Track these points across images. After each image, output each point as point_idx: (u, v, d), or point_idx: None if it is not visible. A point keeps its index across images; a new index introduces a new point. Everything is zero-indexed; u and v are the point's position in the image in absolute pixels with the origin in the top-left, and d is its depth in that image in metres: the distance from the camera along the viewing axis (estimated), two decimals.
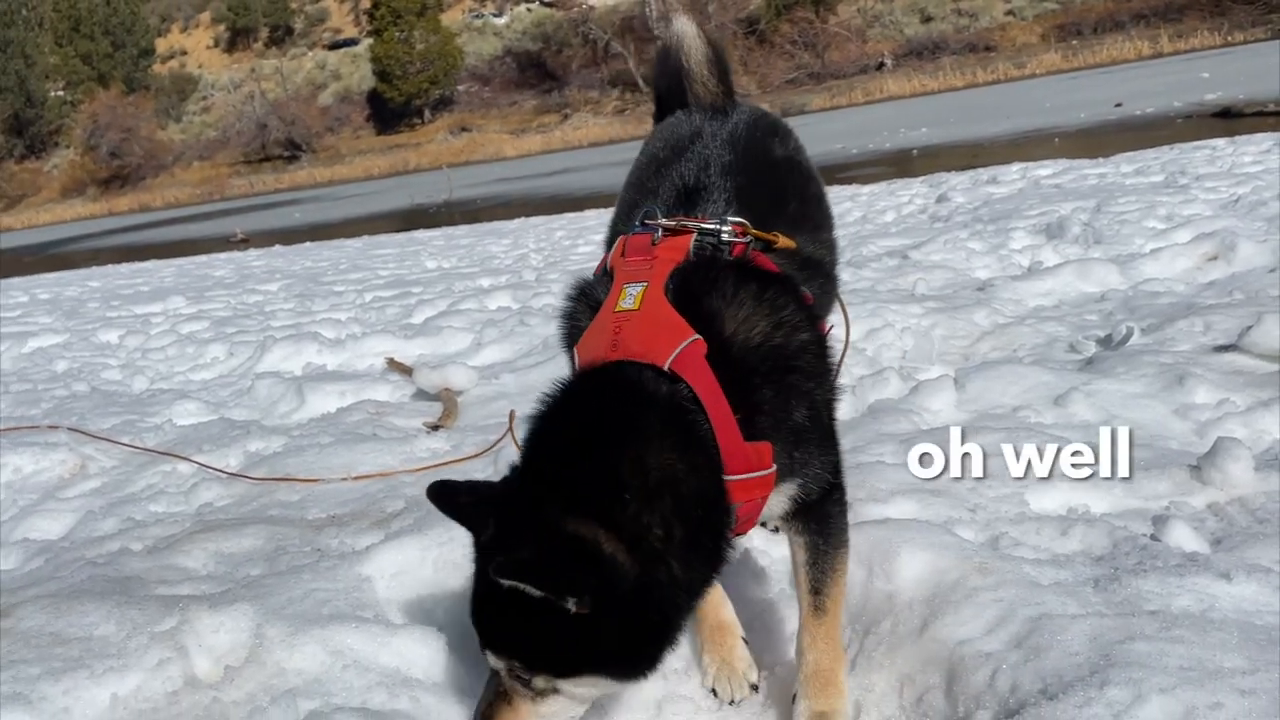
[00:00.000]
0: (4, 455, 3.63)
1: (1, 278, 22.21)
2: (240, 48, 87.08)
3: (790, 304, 1.62)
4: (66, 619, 1.95)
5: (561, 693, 1.49)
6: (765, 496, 1.59)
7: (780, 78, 64.46)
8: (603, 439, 1.48)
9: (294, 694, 1.69)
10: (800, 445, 1.61)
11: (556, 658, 1.46)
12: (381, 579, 2.10)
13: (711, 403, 1.50)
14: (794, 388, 1.60)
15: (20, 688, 1.71)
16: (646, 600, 1.45)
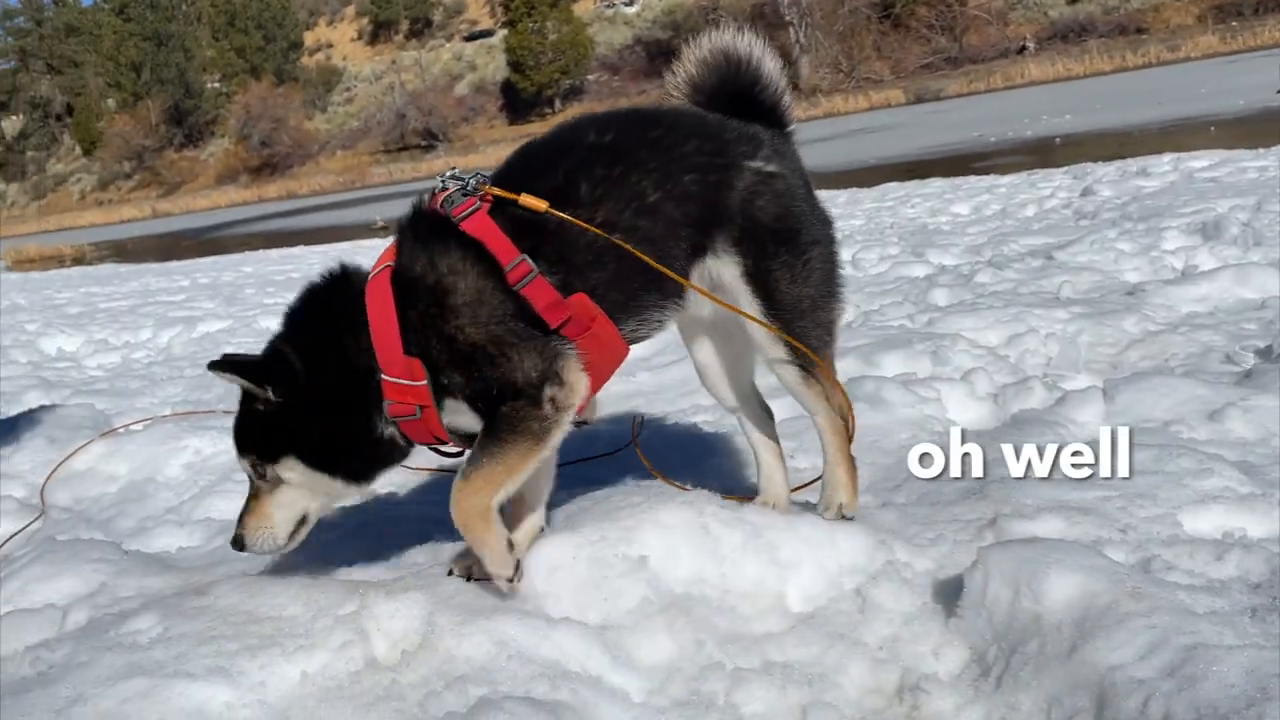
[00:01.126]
0: (186, 438, 3.93)
1: (165, 261, 23.65)
2: (382, 40, 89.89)
3: (449, 252, 2.04)
4: (259, 599, 2.13)
5: (285, 481, 2.08)
6: (421, 405, 2.04)
7: (915, 63, 62.80)
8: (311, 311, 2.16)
9: (465, 680, 1.82)
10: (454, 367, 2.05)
11: (267, 445, 2.07)
12: (538, 573, 2.21)
13: (375, 311, 2.03)
14: (445, 324, 2.03)
15: (221, 662, 1.89)
16: (324, 406, 2.06)
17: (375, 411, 2.09)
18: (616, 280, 2.12)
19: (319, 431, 2.08)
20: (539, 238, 2.05)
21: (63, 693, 1.80)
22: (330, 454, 2.11)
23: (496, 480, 2.05)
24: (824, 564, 2.21)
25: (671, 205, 2.14)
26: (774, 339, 2.24)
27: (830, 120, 50.94)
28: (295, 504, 2.14)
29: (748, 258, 2.21)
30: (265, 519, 2.12)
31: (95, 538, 2.98)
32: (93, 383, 6.01)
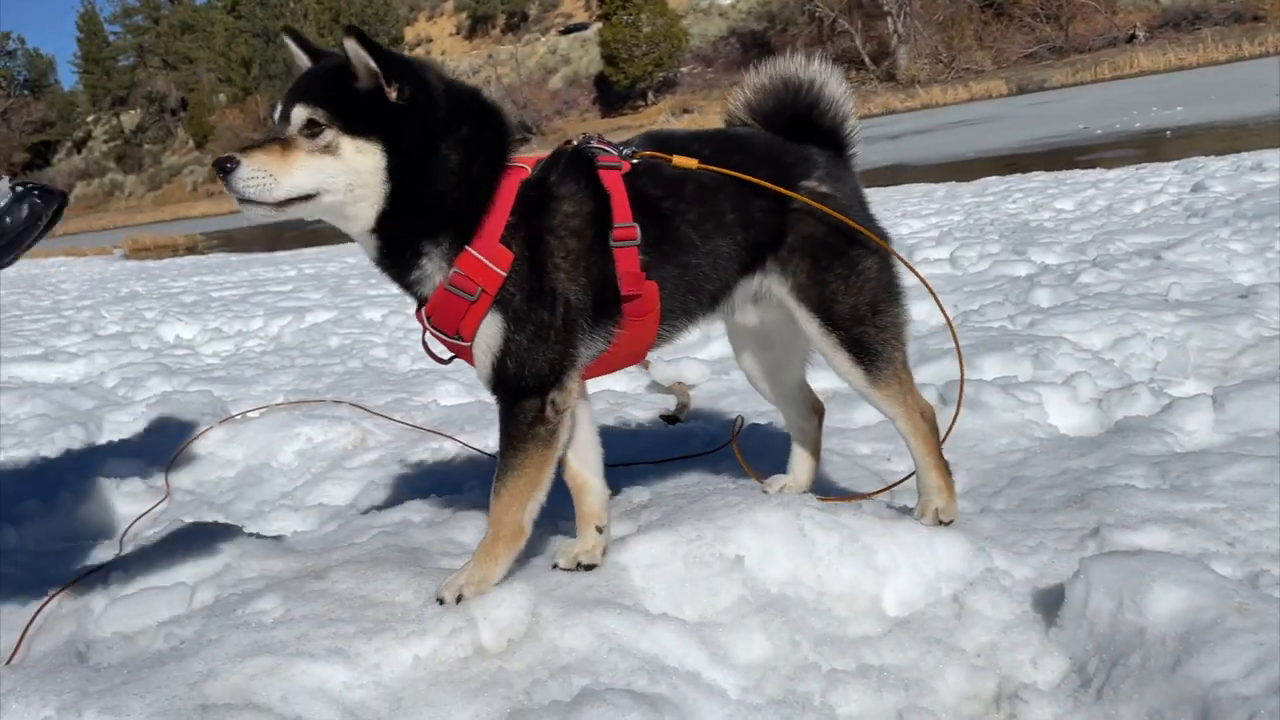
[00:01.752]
0: (298, 426, 4.11)
1: (271, 251, 24.47)
2: (479, 34, 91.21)
3: (580, 190, 2.14)
4: (373, 584, 2.24)
5: (338, 153, 1.97)
6: (485, 292, 2.05)
7: (1018, 52, 61.08)
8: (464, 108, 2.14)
9: (568, 671, 1.89)
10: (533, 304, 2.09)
11: (356, 118, 1.97)
12: (637, 569, 2.27)
13: (504, 189, 2.10)
14: (549, 245, 2.10)
15: (340, 643, 1.99)
16: (439, 134, 2.04)
17: (435, 241, 2.09)
18: (683, 283, 2.26)
19: (412, 164, 2.03)
20: (647, 218, 2.17)
21: (195, 668, 1.93)
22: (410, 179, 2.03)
23: (523, 496, 2.17)
24: (921, 569, 2.22)
25: (739, 228, 2.28)
26: (835, 346, 2.33)
27: (928, 112, 49.95)
28: (318, 177, 1.98)
29: (799, 273, 2.32)
30: (281, 167, 1.94)
31: (217, 520, 3.15)
32: (210, 370, 6.29)
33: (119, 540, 3.13)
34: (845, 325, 2.31)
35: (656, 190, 2.22)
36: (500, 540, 2.18)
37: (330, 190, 1.99)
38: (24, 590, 2.82)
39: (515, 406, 2.14)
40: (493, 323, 2.10)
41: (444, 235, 2.07)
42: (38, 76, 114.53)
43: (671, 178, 2.23)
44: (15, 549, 3.16)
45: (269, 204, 1.96)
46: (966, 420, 3.30)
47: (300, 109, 1.97)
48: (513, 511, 2.17)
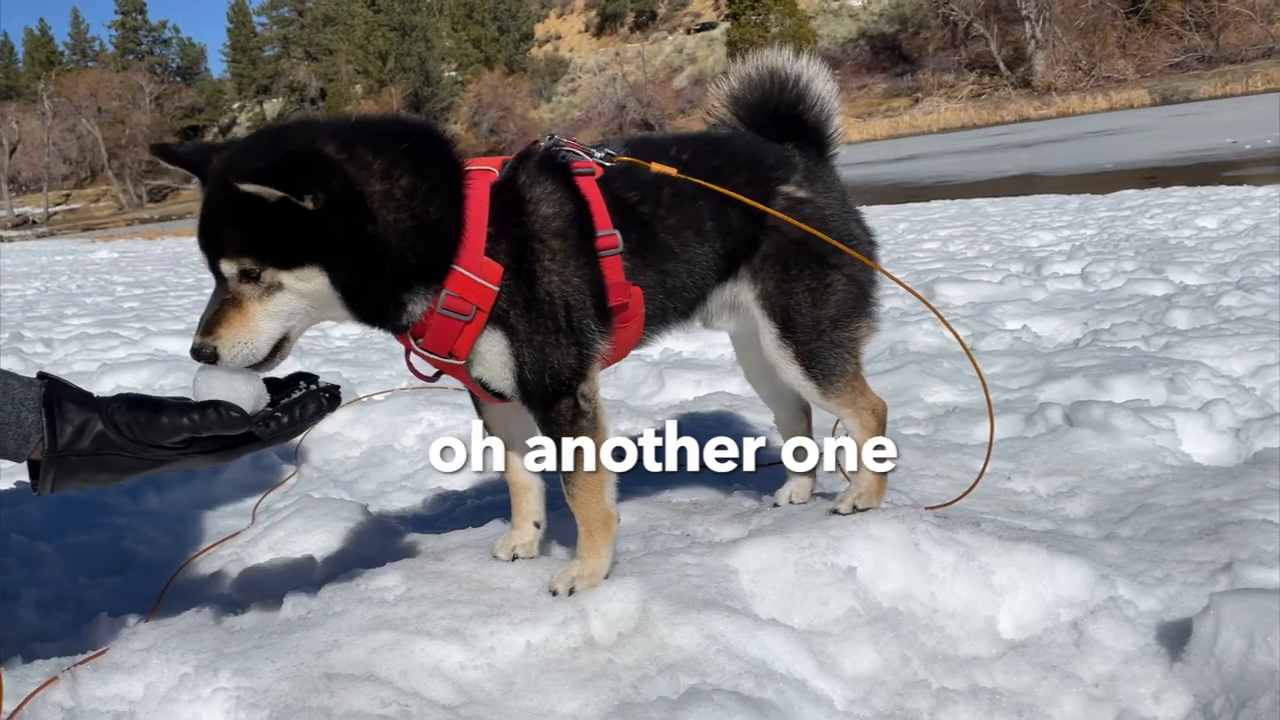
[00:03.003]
0: (421, 411, 4.24)
1: None
2: (608, 32, 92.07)
3: (556, 191, 2.07)
4: (489, 569, 2.31)
5: (286, 288, 1.85)
6: (480, 310, 1.98)
7: (1163, 61, 58.54)
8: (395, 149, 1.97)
9: (676, 668, 1.92)
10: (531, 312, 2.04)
11: (286, 251, 1.82)
12: (746, 573, 2.28)
13: (473, 200, 1.99)
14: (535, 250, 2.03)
15: (457, 624, 2.06)
16: (376, 215, 1.88)
17: (423, 284, 1.97)
18: (664, 288, 2.24)
19: (361, 257, 1.89)
20: (626, 223, 2.14)
21: (321, 637, 2.02)
22: (374, 281, 1.92)
23: (597, 484, 2.18)
24: (1040, 593, 2.17)
25: (717, 234, 2.26)
26: (790, 359, 2.34)
27: (1064, 120, 48.24)
28: (285, 309, 1.89)
29: (767, 281, 2.31)
30: (247, 327, 1.86)
31: (342, 497, 3.28)
32: (339, 353, 6.53)
33: (252, 511, 3.29)
34: (803, 339, 2.32)
35: (633, 194, 2.19)
36: (596, 534, 2.21)
37: (296, 324, 1.94)
38: (164, 551, 3.01)
39: (551, 411, 2.14)
40: (497, 339, 2.06)
41: (422, 278, 1.97)
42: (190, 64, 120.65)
43: (648, 181, 2.19)
44: (157, 512, 3.36)
45: (264, 361, 1.92)
46: (1093, 443, 3.20)
47: (227, 264, 1.85)
48: (594, 504, 2.19)
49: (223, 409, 1.84)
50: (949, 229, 13.26)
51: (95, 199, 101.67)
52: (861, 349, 2.43)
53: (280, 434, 1.93)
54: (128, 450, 1.80)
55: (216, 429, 1.83)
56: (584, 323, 2.10)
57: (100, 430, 1.79)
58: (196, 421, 1.82)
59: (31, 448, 1.76)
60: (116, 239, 41.32)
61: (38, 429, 1.75)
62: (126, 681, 1.91)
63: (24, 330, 8.87)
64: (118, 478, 1.84)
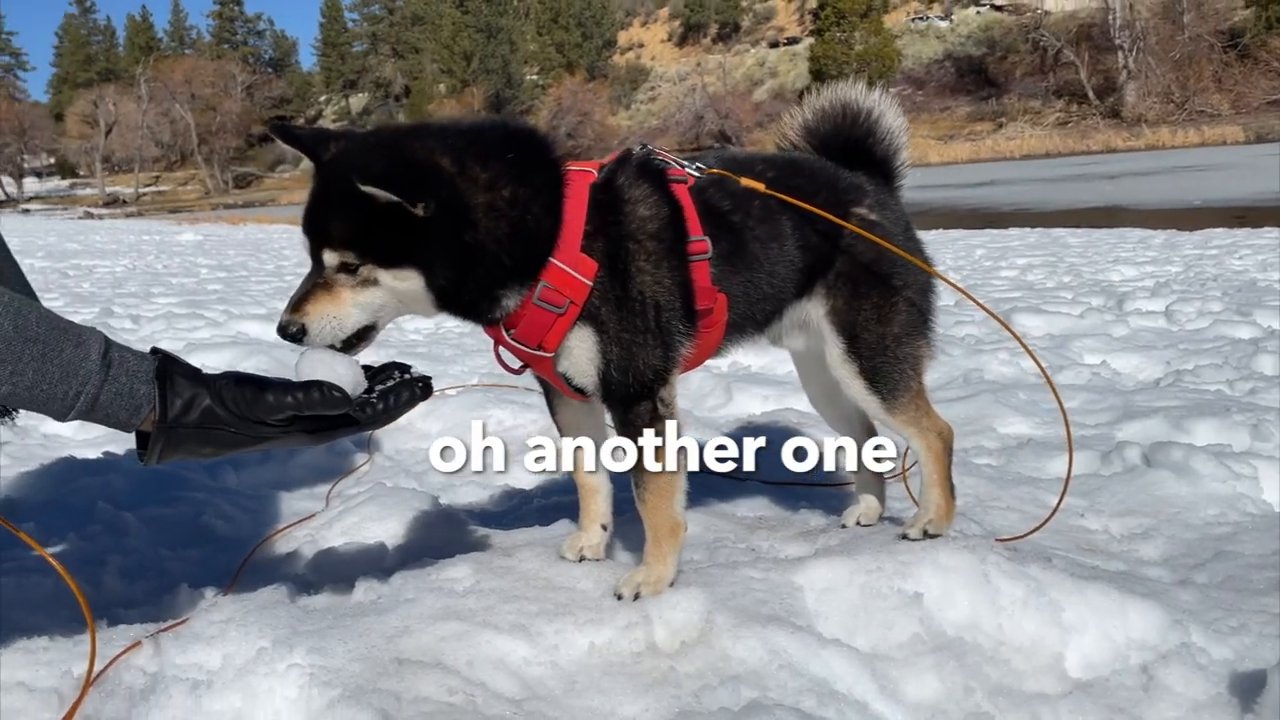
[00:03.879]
0: (490, 408, 4.31)
1: None
2: (690, 43, 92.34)
3: (653, 194, 2.12)
4: (556, 569, 2.34)
5: (381, 284, 1.91)
6: (573, 303, 2.03)
7: (1261, 98, 56.98)
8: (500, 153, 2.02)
9: (738, 680, 1.93)
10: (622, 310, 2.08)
11: (389, 251, 1.88)
12: (811, 591, 2.28)
13: (572, 199, 2.05)
14: (630, 250, 2.08)
15: (523, 620, 2.10)
16: (480, 220, 1.94)
17: (518, 281, 2.03)
18: (747, 296, 2.29)
19: (459, 263, 1.95)
20: (716, 231, 2.20)
21: (392, 622, 2.07)
22: (465, 280, 1.97)
23: (670, 491, 2.20)
24: (1111, 634, 2.13)
25: (798, 250, 2.32)
26: (854, 374, 2.39)
27: (1153, 154, 47.12)
28: (372, 305, 1.95)
29: (838, 298, 2.38)
30: (333, 312, 1.92)
31: (413, 488, 3.35)
32: (413, 346, 6.66)
33: (326, 495, 3.37)
34: (868, 354, 2.37)
35: (724, 204, 2.25)
36: (662, 541, 2.23)
37: (384, 317, 2.01)
38: (241, 528, 3.10)
39: (630, 413, 2.17)
40: (586, 334, 2.10)
41: (519, 276, 2.03)
42: (281, 56, 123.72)
43: (737, 193, 2.25)
44: (235, 491, 3.46)
45: (345, 341, 1.97)
46: (1171, 485, 3.14)
47: (329, 254, 1.91)
48: (664, 511, 2.22)
49: (326, 389, 1.90)
50: (1028, 257, 13.04)
51: (183, 182, 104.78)
52: (923, 369, 2.47)
53: (376, 419, 2.00)
54: (232, 425, 1.87)
55: (319, 408, 1.90)
56: (671, 324, 2.15)
57: (208, 405, 1.86)
58: (300, 400, 1.89)
59: (142, 418, 1.84)
60: (201, 222, 42.57)
61: (149, 400, 1.83)
62: (205, 651, 1.98)
63: (113, 306, 9.20)
64: (219, 451, 1.91)
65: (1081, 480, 3.30)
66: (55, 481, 3.48)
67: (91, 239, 27.83)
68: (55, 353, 1.72)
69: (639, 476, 2.22)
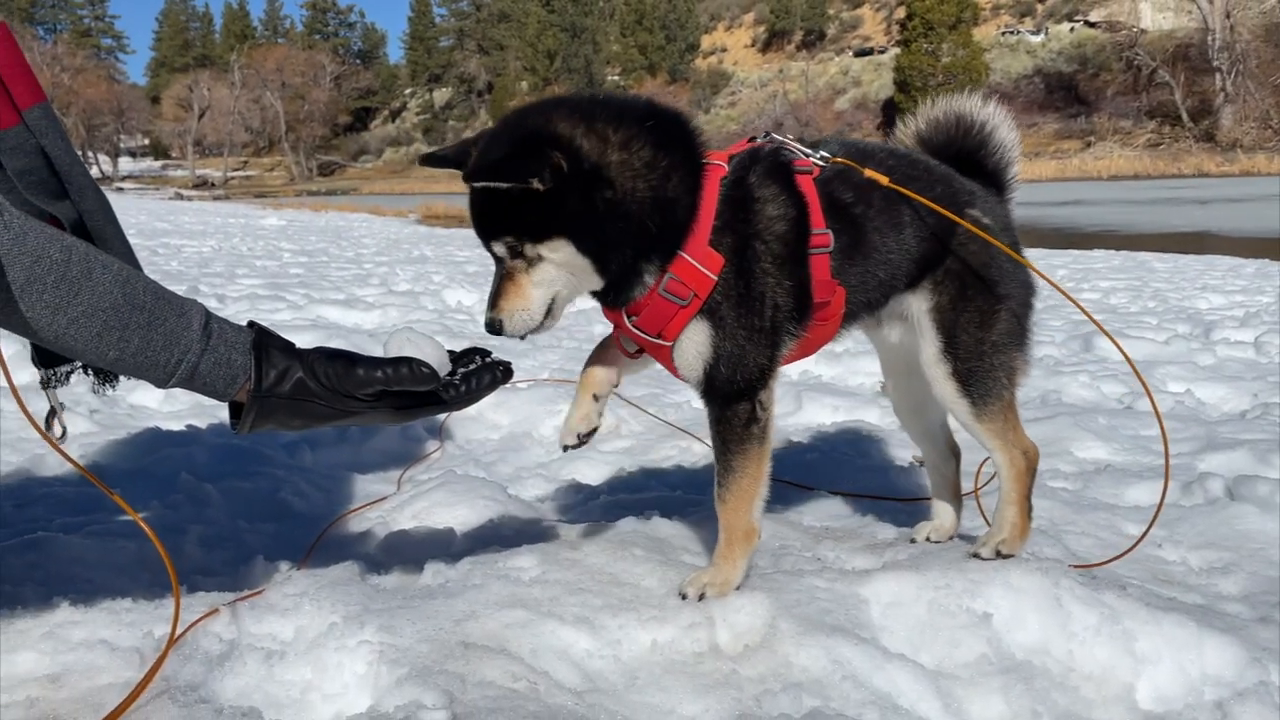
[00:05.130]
0: (560, 403, 4.35)
1: None
2: (774, 49, 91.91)
3: (781, 193, 2.15)
4: (621, 564, 2.35)
5: (544, 259, 2.00)
6: (697, 296, 2.07)
7: None
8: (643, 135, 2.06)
9: (800, 688, 1.92)
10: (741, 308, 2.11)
11: (534, 227, 1.97)
12: (877, 604, 2.26)
13: (706, 191, 2.09)
14: (756, 250, 2.11)
15: (587, 613, 2.11)
16: (612, 190, 1.98)
17: (656, 258, 2.08)
18: (864, 286, 2.30)
19: (601, 225, 2.02)
20: (839, 224, 2.22)
21: (460, 607, 2.10)
22: (611, 241, 2.03)
23: (749, 496, 2.22)
24: (1185, 667, 2.08)
25: (914, 241, 2.32)
26: (947, 374, 2.36)
27: (1247, 180, 45.63)
28: (551, 281, 2.04)
29: (943, 295, 2.36)
30: (522, 300, 2.04)
31: (483, 477, 3.40)
32: (486, 338, 6.72)
33: (398, 479, 3.44)
34: (964, 356, 2.35)
35: (847, 195, 2.26)
36: (735, 543, 2.23)
37: (562, 291, 2.08)
38: (315, 506, 3.18)
39: (728, 410, 2.19)
40: (703, 328, 2.13)
41: (658, 251, 2.08)
42: (370, 48, 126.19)
43: (860, 184, 2.26)
44: (311, 469, 3.55)
45: (539, 328, 2.09)
46: (1255, 520, 3.04)
47: (496, 244, 2.04)
48: (741, 514, 2.22)
49: (415, 365, 1.96)
50: (1111, 280, 12.73)
51: (270, 168, 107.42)
52: (1016, 380, 2.44)
53: (459, 400, 2.05)
54: (323, 398, 1.92)
55: (408, 384, 1.95)
56: (783, 324, 2.18)
57: (300, 377, 1.91)
58: (389, 375, 1.94)
59: (237, 388, 1.90)
60: (285, 208, 43.62)
61: (245, 371, 1.89)
62: (279, 622, 2.03)
63: (200, 285, 9.47)
64: (309, 424, 1.96)
65: (1162, 510, 3.21)
66: (141, 450, 3.60)
67: (180, 219, 28.69)
68: (160, 321, 1.78)
69: (723, 476, 2.23)
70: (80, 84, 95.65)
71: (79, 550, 2.50)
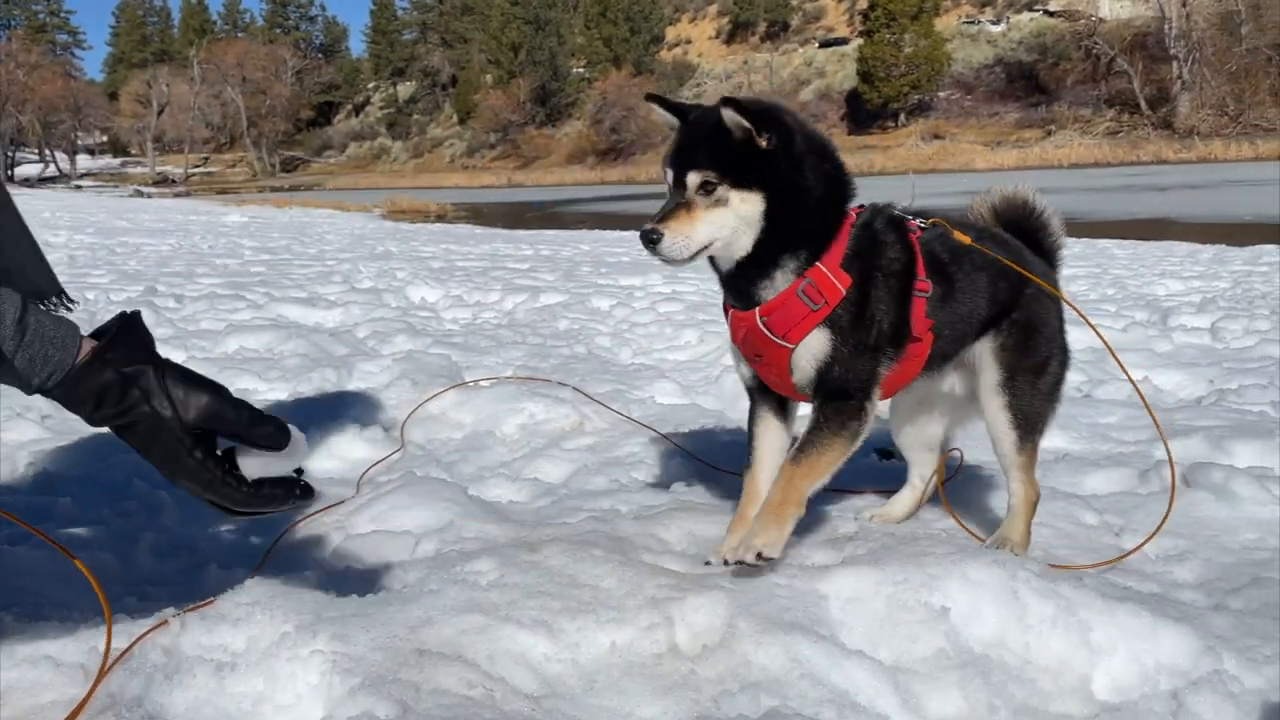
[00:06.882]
0: (523, 401, 4.31)
1: (512, 229, 25.68)
2: (738, 40, 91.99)
3: (898, 241, 2.51)
4: (581, 565, 2.34)
5: (729, 205, 2.28)
6: (826, 304, 2.37)
7: None
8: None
9: (758, 688, 1.91)
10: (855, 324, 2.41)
11: (741, 173, 2.27)
12: (836, 600, 2.26)
13: (846, 222, 2.45)
14: (876, 279, 2.44)
15: (545, 616, 2.09)
16: (800, 171, 2.33)
17: (792, 256, 2.39)
18: (951, 333, 2.61)
19: (786, 200, 2.34)
20: (936, 277, 2.57)
21: (415, 613, 2.08)
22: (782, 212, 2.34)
23: (820, 473, 2.43)
24: (1140, 657, 2.09)
25: (990, 302, 2.67)
26: (1003, 406, 2.68)
27: (1205, 166, 46.31)
28: (720, 223, 2.29)
29: (1008, 339, 2.70)
30: (689, 229, 2.27)
31: (443, 478, 3.37)
32: (449, 335, 6.69)
33: (357, 482, 3.40)
34: (1018, 393, 2.68)
35: (944, 255, 2.61)
36: (790, 504, 2.38)
37: (721, 238, 2.31)
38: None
39: (838, 404, 2.43)
40: (825, 334, 2.40)
41: (800, 253, 2.39)
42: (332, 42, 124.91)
43: (955, 248, 2.62)
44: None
45: (685, 260, 2.30)
46: (1209, 508, 3.08)
47: (694, 175, 2.28)
48: (805, 484, 2.41)
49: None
50: (1072, 268, 12.85)
51: (232, 164, 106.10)
52: (1045, 431, 2.78)
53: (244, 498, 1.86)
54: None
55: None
56: (884, 346, 2.48)
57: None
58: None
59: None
60: (248, 204, 43.07)
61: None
62: (230, 633, 1.99)
63: (158, 285, 9.33)
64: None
65: (1117, 498, 3.25)
66: (93, 456, 3.53)
67: (140, 217, 28.28)
68: None
69: (808, 448, 2.42)
70: (36, 81, 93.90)
71: (26, 562, 2.44)
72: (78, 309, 2.29)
